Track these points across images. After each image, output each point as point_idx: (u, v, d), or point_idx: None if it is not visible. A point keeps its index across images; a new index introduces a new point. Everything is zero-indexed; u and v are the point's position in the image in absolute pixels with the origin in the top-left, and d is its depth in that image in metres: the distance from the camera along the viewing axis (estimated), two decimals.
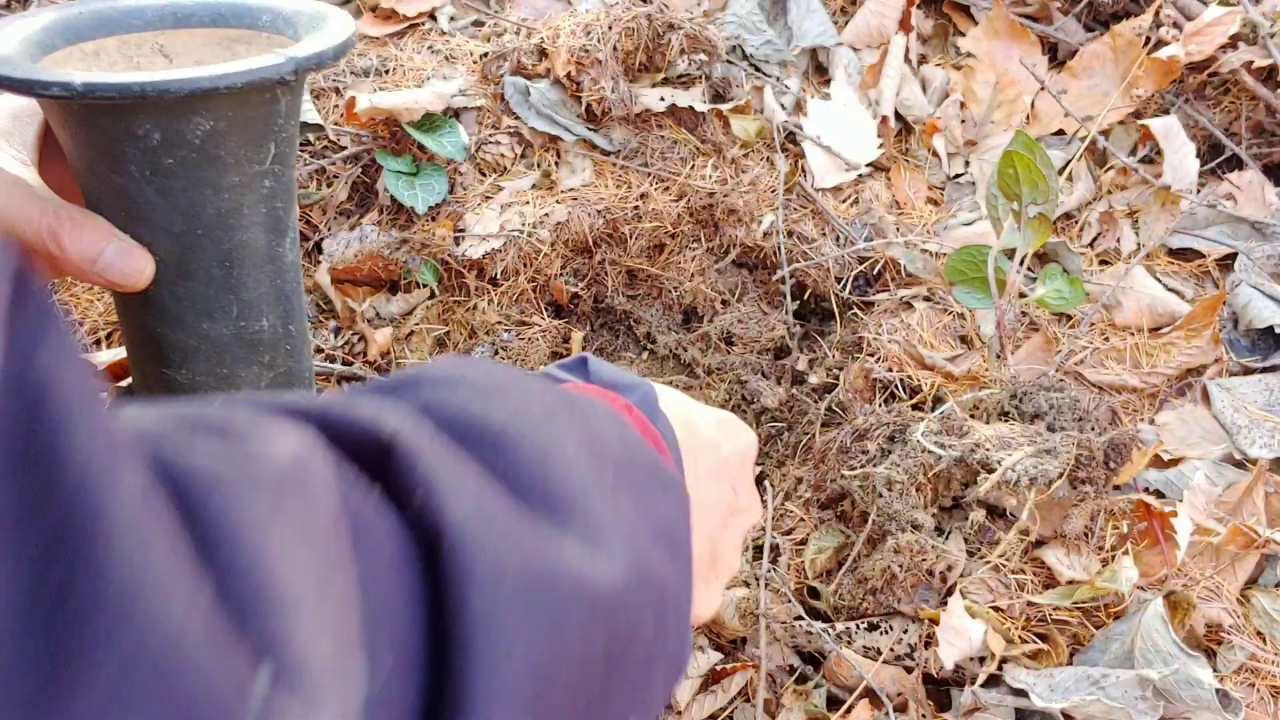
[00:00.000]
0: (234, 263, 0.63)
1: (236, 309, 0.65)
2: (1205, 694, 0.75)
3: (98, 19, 0.60)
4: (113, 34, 0.61)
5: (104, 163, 0.55)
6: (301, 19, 0.64)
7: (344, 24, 0.62)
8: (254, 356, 0.69)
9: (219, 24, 0.65)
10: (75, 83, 0.49)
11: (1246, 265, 1.13)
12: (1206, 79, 1.29)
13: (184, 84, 0.51)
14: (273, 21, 0.64)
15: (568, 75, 1.19)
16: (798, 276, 1.18)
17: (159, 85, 0.50)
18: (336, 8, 0.64)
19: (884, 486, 0.88)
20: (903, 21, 1.38)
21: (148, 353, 0.67)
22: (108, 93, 0.49)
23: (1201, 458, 0.98)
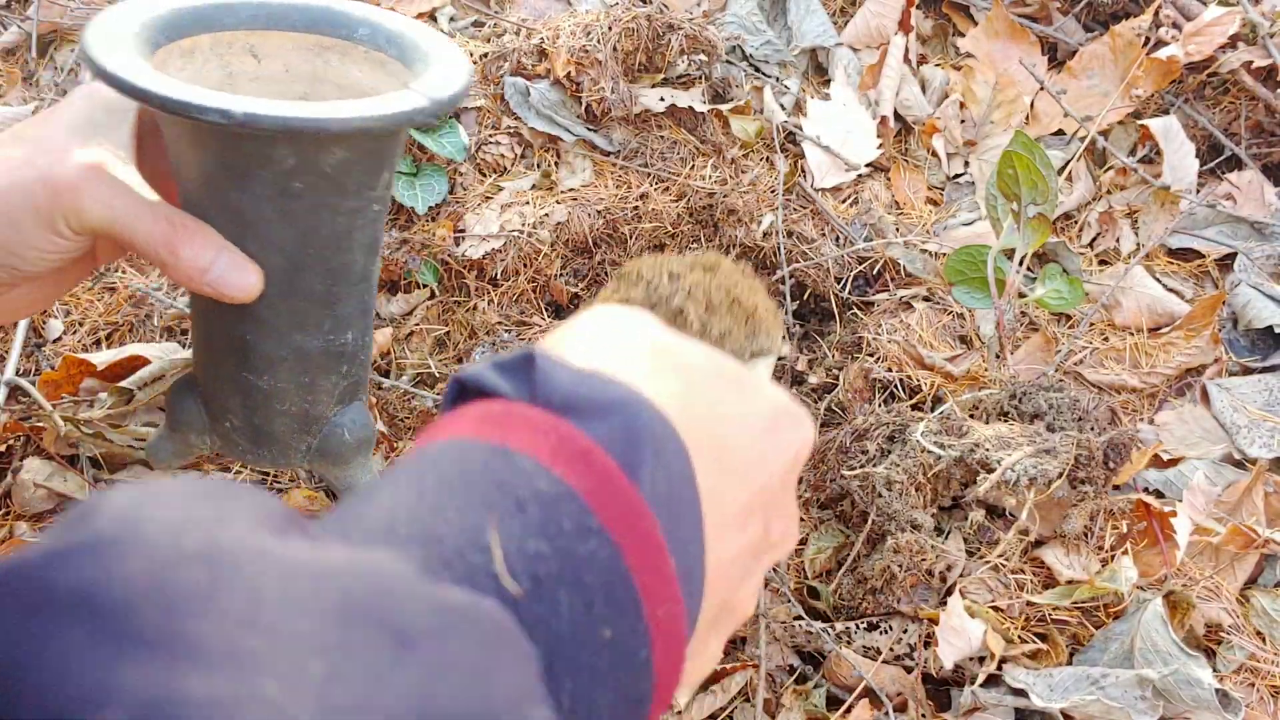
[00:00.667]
0: (335, 280, 0.63)
1: (329, 323, 0.66)
2: (1205, 694, 0.75)
3: (195, 16, 0.59)
4: (208, 31, 0.60)
5: (228, 180, 0.55)
6: (405, 41, 0.63)
7: (456, 55, 0.61)
8: (335, 366, 0.69)
9: (312, 29, 0.64)
10: (235, 111, 0.48)
11: (1246, 265, 1.13)
12: (1206, 79, 1.29)
13: (341, 122, 0.50)
14: (372, 36, 0.63)
15: (568, 76, 1.19)
16: (797, 276, 1.18)
17: (319, 122, 0.50)
18: (434, 31, 0.64)
19: (883, 486, 0.88)
20: (902, 22, 1.38)
21: (230, 356, 0.67)
22: (266, 125, 0.49)
23: (1201, 458, 0.98)
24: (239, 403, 0.69)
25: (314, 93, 0.66)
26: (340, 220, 0.59)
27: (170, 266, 0.55)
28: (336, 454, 0.73)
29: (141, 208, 0.53)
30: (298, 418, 0.71)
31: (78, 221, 0.52)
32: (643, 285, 0.46)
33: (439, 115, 0.55)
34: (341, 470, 0.75)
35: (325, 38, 0.64)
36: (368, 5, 0.65)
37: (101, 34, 0.52)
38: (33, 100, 1.30)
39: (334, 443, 0.72)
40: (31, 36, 1.35)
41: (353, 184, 0.57)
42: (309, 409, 0.71)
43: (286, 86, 0.65)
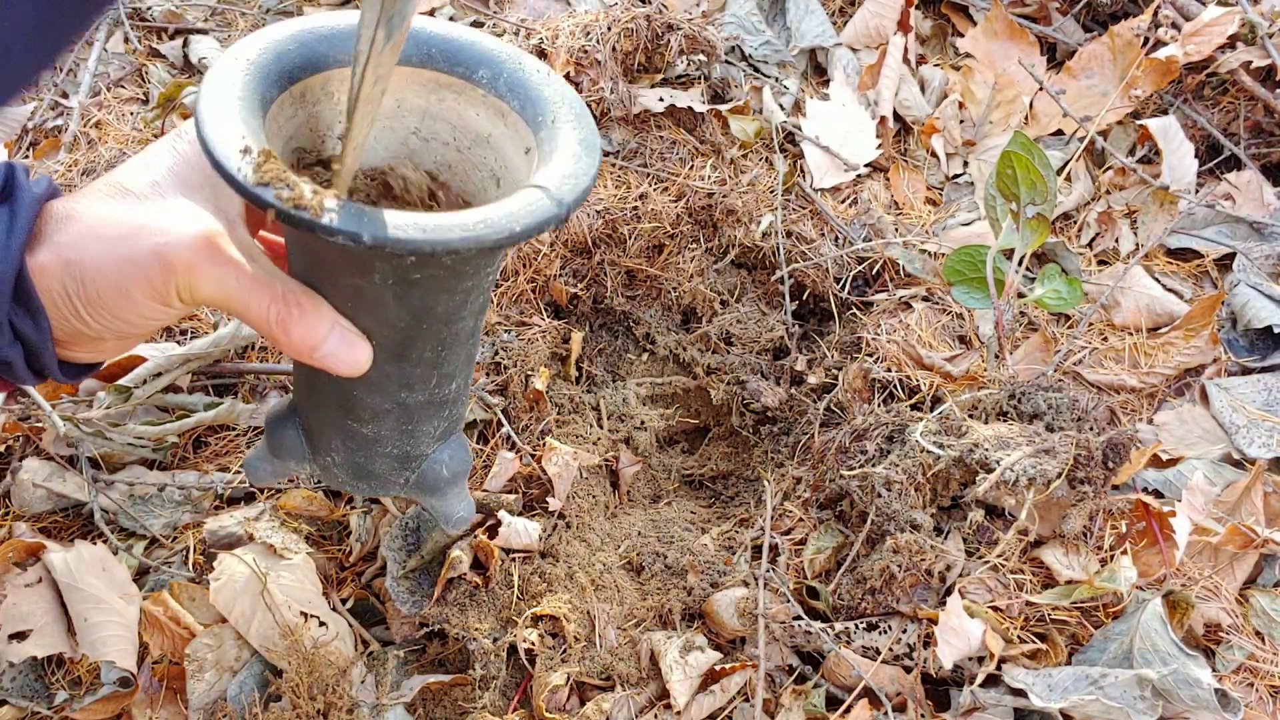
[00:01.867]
0: (445, 346, 0.63)
1: (435, 380, 0.66)
2: (1204, 693, 0.75)
3: (305, 58, 0.57)
4: (317, 72, 0.58)
5: (348, 269, 0.54)
6: (529, 92, 0.60)
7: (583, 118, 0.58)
8: (437, 413, 0.70)
9: (428, 65, 0.61)
10: (364, 236, 0.46)
11: (1245, 265, 1.13)
12: (1205, 79, 1.29)
13: (471, 240, 0.49)
14: (492, 81, 0.60)
15: (567, 76, 1.19)
16: (796, 277, 1.18)
17: (449, 243, 0.48)
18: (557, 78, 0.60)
19: (883, 486, 0.88)
20: (901, 22, 1.38)
21: (337, 406, 0.67)
22: (396, 250, 0.47)
23: (1200, 457, 0.98)
24: (341, 444, 0.70)
25: (425, 128, 0.64)
26: (456, 298, 0.58)
27: (281, 344, 0.55)
28: (433, 486, 0.74)
29: (256, 285, 0.53)
30: (398, 458, 0.72)
31: (190, 297, 0.52)
32: None
33: (566, 219, 0.53)
34: (439, 500, 0.77)
35: (443, 74, 0.62)
36: (489, 39, 0.61)
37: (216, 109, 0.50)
38: (31, 100, 1.30)
39: (431, 477, 0.74)
40: None
41: (470, 269, 0.56)
42: (410, 450, 0.71)
43: (398, 121, 0.63)
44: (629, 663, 0.86)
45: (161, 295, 0.52)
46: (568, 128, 0.57)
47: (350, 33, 0.58)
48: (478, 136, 0.62)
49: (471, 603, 0.88)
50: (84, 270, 0.51)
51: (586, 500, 1.01)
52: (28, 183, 0.52)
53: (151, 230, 0.51)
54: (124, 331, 0.54)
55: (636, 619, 0.90)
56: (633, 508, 1.07)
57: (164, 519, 0.93)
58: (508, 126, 0.61)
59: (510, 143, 0.61)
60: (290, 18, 1.44)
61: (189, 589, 0.85)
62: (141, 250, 0.51)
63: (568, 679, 0.83)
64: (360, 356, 0.57)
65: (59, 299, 0.51)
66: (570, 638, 0.86)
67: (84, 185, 0.70)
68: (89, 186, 0.55)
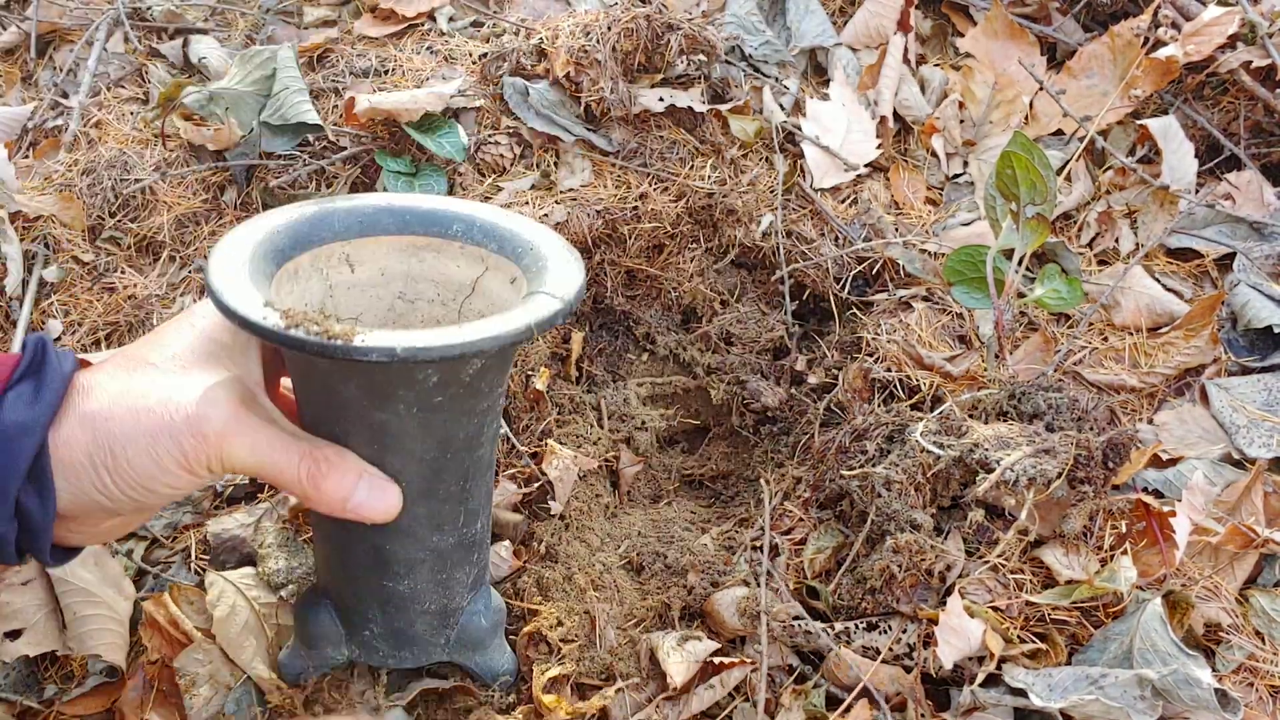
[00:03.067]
0: (469, 477, 0.65)
1: (463, 518, 0.68)
2: (1204, 693, 0.75)
3: (294, 237, 0.61)
4: (306, 250, 0.62)
5: (370, 402, 0.56)
6: (502, 233, 0.64)
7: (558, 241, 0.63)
8: (468, 557, 0.71)
9: (405, 231, 0.65)
10: (397, 350, 0.49)
11: (1245, 265, 1.13)
12: (1205, 79, 1.29)
13: (493, 340, 0.51)
14: (467, 231, 0.65)
15: (567, 76, 1.19)
16: (796, 277, 1.18)
17: (474, 345, 0.51)
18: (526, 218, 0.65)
19: (883, 486, 0.88)
20: (901, 22, 1.38)
21: (371, 567, 0.68)
22: (424, 359, 0.50)
23: (1200, 457, 0.98)
24: (379, 610, 0.71)
25: (409, 290, 0.67)
26: (474, 420, 0.61)
27: (313, 500, 0.55)
28: (476, 640, 0.76)
29: (286, 448, 0.54)
30: (437, 614, 0.73)
31: (221, 465, 0.53)
32: None
33: (572, 312, 0.57)
34: (481, 655, 0.79)
35: (419, 237, 0.66)
36: (460, 201, 0.66)
37: (228, 282, 0.53)
38: (31, 100, 1.30)
39: (471, 630, 0.76)
40: (30, 36, 1.35)
41: (486, 386, 0.59)
42: (446, 603, 0.73)
43: (383, 289, 0.67)
44: (629, 662, 0.86)
45: (192, 465, 0.52)
46: (546, 247, 0.62)
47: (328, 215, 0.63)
48: (461, 285, 0.66)
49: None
50: (113, 440, 0.51)
51: (586, 500, 1.01)
52: (57, 358, 0.53)
53: (181, 401, 0.52)
54: (144, 503, 0.55)
55: (636, 619, 0.90)
56: (633, 508, 1.07)
57: (164, 519, 0.93)
58: (490, 268, 0.65)
59: (495, 280, 0.65)
60: (290, 16, 1.44)
61: (188, 592, 0.85)
62: (174, 420, 0.51)
63: (567, 678, 0.83)
64: (391, 500, 0.58)
65: (83, 469, 0.51)
66: (568, 639, 0.86)
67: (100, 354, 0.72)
68: (106, 362, 0.55)
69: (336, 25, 1.42)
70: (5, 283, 1.07)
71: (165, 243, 1.14)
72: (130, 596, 0.84)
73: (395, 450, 0.58)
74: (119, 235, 1.15)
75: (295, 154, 1.18)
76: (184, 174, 1.18)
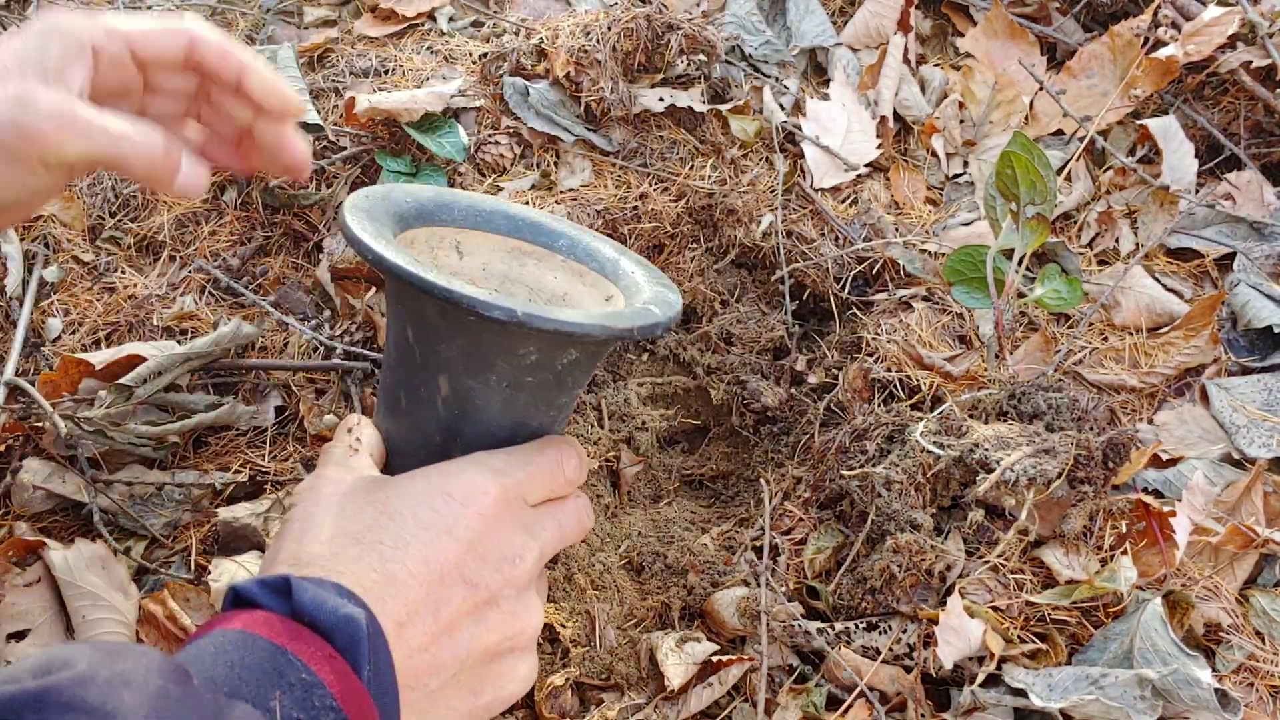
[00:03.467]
0: None
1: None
2: (1204, 694, 0.75)
3: (419, 210, 0.64)
4: (427, 225, 0.65)
5: (467, 367, 0.58)
6: (603, 256, 0.68)
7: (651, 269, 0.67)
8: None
9: (514, 234, 0.69)
10: (518, 311, 0.51)
11: (1245, 265, 1.13)
12: (1205, 79, 1.29)
13: (611, 330, 0.54)
14: (570, 249, 0.69)
15: (567, 76, 1.19)
16: (797, 277, 1.18)
17: (589, 327, 0.53)
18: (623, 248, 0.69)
19: (883, 486, 0.88)
20: (901, 22, 1.38)
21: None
22: (545, 325, 0.52)
23: (1200, 457, 0.98)
24: None
25: (504, 290, 0.70)
26: (550, 415, 0.63)
27: (165, 183, 0.55)
28: None
29: (121, 132, 0.53)
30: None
31: (57, 160, 0.53)
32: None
33: (671, 328, 0.60)
34: None
35: (525, 243, 0.69)
36: (569, 222, 0.70)
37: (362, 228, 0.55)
38: None
39: None
40: None
41: (571, 381, 0.61)
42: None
43: (482, 283, 0.69)
44: (629, 663, 0.86)
45: (23, 163, 0.52)
46: (641, 272, 0.66)
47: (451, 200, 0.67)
48: (554, 295, 0.69)
49: None
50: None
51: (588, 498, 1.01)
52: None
53: (2, 105, 0.51)
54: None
55: (636, 619, 0.90)
56: (633, 508, 1.07)
57: (164, 519, 0.93)
58: (585, 284, 0.69)
59: (589, 298, 0.68)
60: (290, 16, 1.44)
61: (186, 589, 0.85)
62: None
63: (567, 680, 0.83)
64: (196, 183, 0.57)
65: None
66: (568, 641, 0.86)
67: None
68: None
69: (336, 25, 1.42)
70: (5, 283, 1.07)
71: (165, 242, 1.14)
72: (135, 599, 0.84)
73: (473, 419, 0.60)
74: (119, 235, 1.15)
75: None
76: None
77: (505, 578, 0.52)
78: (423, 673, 0.49)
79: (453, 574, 0.50)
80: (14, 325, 1.04)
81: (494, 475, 0.54)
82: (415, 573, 0.49)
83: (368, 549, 0.49)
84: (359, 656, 0.44)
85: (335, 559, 0.49)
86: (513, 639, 0.53)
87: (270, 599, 0.44)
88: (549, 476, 0.58)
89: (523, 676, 0.54)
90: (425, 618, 0.49)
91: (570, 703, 0.83)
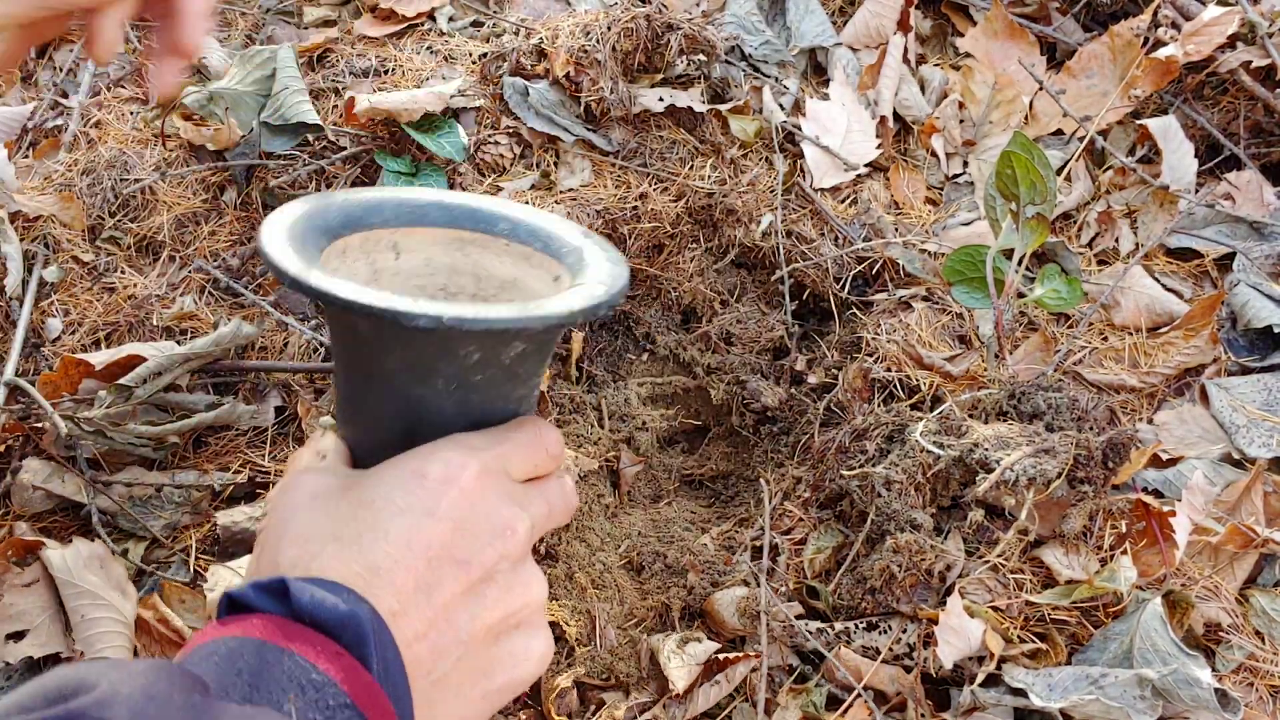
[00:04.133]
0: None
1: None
2: (1204, 693, 0.75)
3: (345, 217, 0.63)
4: (357, 231, 0.64)
5: (410, 376, 0.57)
6: (547, 234, 0.67)
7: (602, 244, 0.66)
8: None
9: (452, 225, 0.68)
10: (443, 317, 0.50)
11: (1245, 265, 1.13)
12: (1205, 79, 1.29)
13: (547, 319, 0.53)
14: (512, 231, 0.67)
15: (567, 76, 1.19)
16: (796, 276, 1.18)
17: (520, 321, 0.52)
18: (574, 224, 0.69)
19: (883, 486, 0.88)
20: (901, 22, 1.38)
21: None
22: (475, 327, 0.51)
23: (1200, 457, 0.98)
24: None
25: (452, 283, 0.70)
26: (509, 409, 0.63)
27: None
28: None
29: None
30: None
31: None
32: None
33: (617, 304, 0.59)
34: None
35: (465, 232, 0.68)
36: (509, 203, 0.69)
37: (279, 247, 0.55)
38: (31, 100, 1.30)
39: None
40: None
41: (524, 373, 0.61)
42: None
43: (426, 279, 0.69)
44: (629, 662, 0.86)
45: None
46: (591, 247, 0.64)
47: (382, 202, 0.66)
48: (503, 282, 0.68)
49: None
50: None
51: (587, 500, 1.01)
52: None
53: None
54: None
55: (637, 618, 0.90)
56: (633, 508, 1.07)
57: (164, 520, 0.93)
58: (533, 265, 0.67)
59: (536, 280, 0.67)
60: (290, 16, 1.44)
61: (181, 591, 0.85)
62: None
63: (573, 681, 0.83)
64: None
65: None
66: (573, 641, 0.86)
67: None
68: None
69: (336, 25, 1.42)
70: (5, 282, 1.07)
71: (165, 242, 1.14)
72: (134, 598, 0.84)
73: (429, 426, 0.59)
74: (119, 235, 1.15)
75: (295, 154, 1.18)
76: (184, 174, 1.18)
77: (499, 552, 0.51)
78: (425, 660, 0.47)
79: (441, 555, 0.49)
80: (14, 325, 1.04)
81: (471, 451, 0.53)
82: (400, 559, 0.48)
83: (347, 544, 0.48)
84: (366, 652, 0.43)
85: (315, 559, 0.48)
86: (517, 613, 0.51)
87: (267, 602, 0.43)
88: (530, 450, 0.56)
89: (538, 655, 0.52)
90: (419, 604, 0.47)
91: (573, 702, 0.83)
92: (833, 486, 0.93)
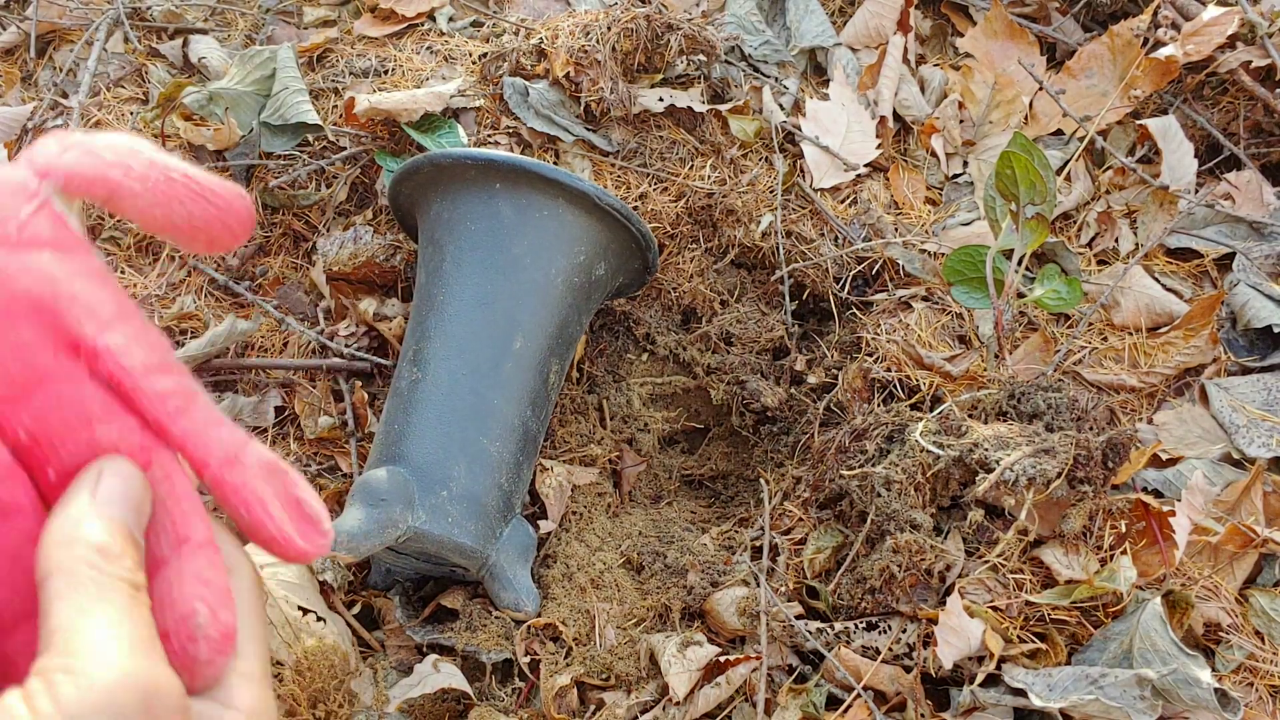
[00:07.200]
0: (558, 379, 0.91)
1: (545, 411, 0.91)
2: (1204, 693, 0.75)
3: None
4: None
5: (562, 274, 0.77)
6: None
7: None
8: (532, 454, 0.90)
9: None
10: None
11: (1245, 265, 1.13)
12: (1204, 79, 1.29)
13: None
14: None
15: (566, 76, 1.19)
16: (796, 277, 1.18)
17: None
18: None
19: (882, 486, 0.88)
20: (901, 21, 1.38)
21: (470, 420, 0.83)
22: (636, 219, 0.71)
23: (1200, 457, 0.98)
24: (464, 468, 0.80)
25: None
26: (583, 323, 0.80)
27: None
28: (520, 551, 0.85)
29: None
30: (504, 498, 0.83)
31: None
32: None
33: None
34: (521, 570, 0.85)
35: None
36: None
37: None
38: (31, 100, 1.30)
39: (516, 540, 0.84)
40: (30, 37, 1.35)
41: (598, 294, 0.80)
42: (512, 492, 0.84)
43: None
44: (629, 662, 0.86)
45: None
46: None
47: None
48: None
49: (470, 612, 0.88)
50: None
51: (587, 501, 1.01)
52: None
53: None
54: None
55: (636, 618, 0.90)
56: (633, 508, 1.07)
57: None
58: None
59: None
60: (290, 16, 1.44)
61: None
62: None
63: (572, 680, 0.83)
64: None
65: None
66: (570, 641, 0.86)
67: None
68: None
69: (336, 25, 1.42)
70: None
71: (165, 243, 1.14)
72: None
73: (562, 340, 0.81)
74: (119, 235, 1.15)
75: (295, 154, 1.18)
76: None
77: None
78: None
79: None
80: None
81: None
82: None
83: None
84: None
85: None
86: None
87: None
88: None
89: None
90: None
91: (573, 702, 0.83)
92: (832, 486, 0.93)
